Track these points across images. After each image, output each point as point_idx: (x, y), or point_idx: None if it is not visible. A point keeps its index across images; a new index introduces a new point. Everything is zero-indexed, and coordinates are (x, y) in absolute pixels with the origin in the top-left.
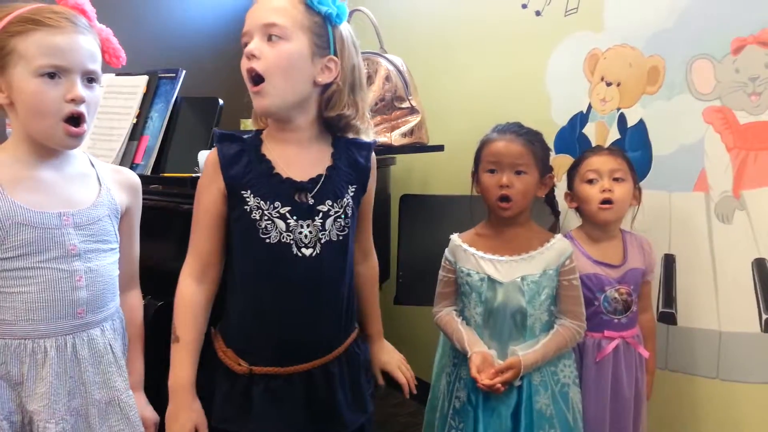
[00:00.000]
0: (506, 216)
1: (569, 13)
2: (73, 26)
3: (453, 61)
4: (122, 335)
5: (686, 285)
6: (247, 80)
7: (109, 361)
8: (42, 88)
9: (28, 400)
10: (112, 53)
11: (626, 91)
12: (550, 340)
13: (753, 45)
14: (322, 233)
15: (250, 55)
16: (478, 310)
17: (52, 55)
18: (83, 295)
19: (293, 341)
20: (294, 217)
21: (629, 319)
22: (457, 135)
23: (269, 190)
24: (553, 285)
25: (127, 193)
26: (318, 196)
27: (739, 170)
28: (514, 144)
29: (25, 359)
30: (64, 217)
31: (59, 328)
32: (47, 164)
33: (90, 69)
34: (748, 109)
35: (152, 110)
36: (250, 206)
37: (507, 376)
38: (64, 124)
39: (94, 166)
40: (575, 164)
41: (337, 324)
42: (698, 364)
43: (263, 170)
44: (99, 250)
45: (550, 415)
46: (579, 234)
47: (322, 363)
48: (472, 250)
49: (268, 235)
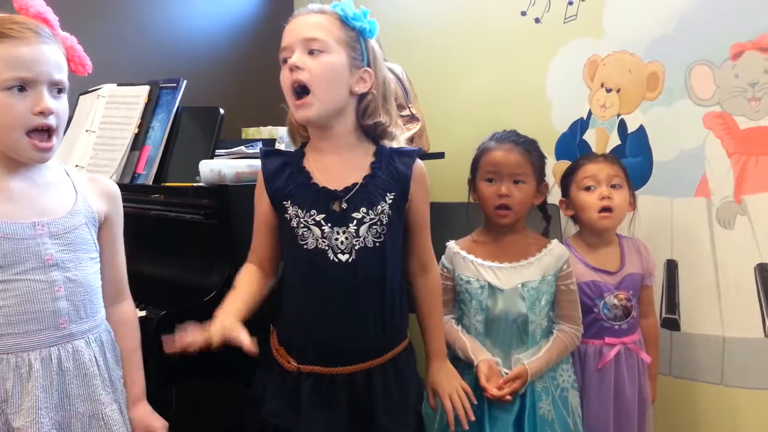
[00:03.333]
0: (504, 223)
1: (568, 20)
2: (37, 36)
3: (453, 68)
4: (111, 348)
5: (689, 291)
6: (290, 92)
7: (94, 374)
8: (8, 101)
9: (14, 416)
10: (78, 61)
11: (626, 97)
12: (552, 346)
13: (752, 50)
14: (357, 240)
15: (294, 67)
16: (479, 318)
17: (18, 67)
18: (64, 305)
19: (331, 343)
20: (329, 224)
21: (630, 324)
22: (457, 142)
23: (306, 199)
24: (552, 290)
25: (105, 201)
26: (352, 203)
27: (740, 175)
28: (513, 153)
29: (8, 375)
30: (38, 226)
31: (42, 340)
32: (18, 175)
33: (57, 79)
34: (748, 115)
35: (154, 120)
36: (290, 215)
37: (515, 386)
38: (29, 138)
39: (69, 174)
40: (570, 171)
41: (378, 330)
42: (702, 370)
43: (302, 181)
44: (78, 259)
45: (552, 420)
46: (576, 242)
47: (365, 368)
48: (471, 258)
49: (306, 241)
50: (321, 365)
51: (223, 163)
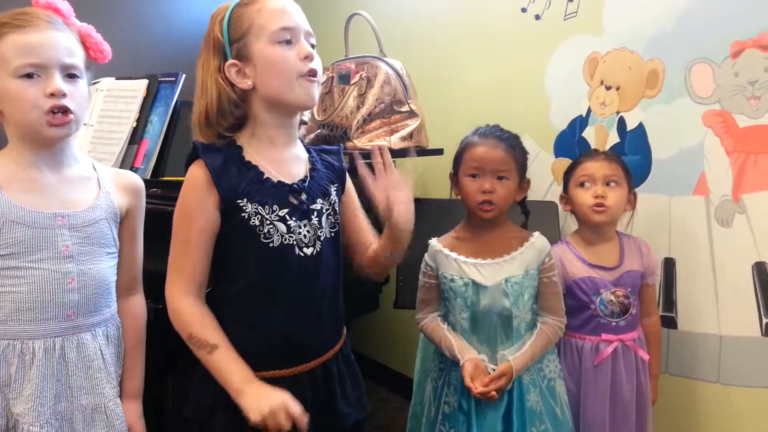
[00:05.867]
0: (487, 218)
1: (569, 17)
2: (46, 24)
3: (452, 64)
4: (117, 343)
5: (686, 289)
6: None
7: (99, 367)
8: (23, 86)
9: (15, 402)
10: (96, 48)
11: (626, 95)
12: (536, 339)
13: (752, 48)
14: (320, 231)
15: (312, 56)
16: (464, 315)
17: (27, 53)
18: (74, 297)
19: (298, 341)
20: (293, 218)
21: (627, 322)
22: (456, 139)
23: (264, 195)
24: (534, 284)
25: (128, 195)
26: (309, 195)
27: (739, 174)
28: (497, 150)
29: (13, 360)
30: (59, 217)
31: (48, 329)
32: (46, 166)
33: (68, 63)
34: (748, 113)
35: (152, 114)
36: (248, 213)
37: (501, 383)
38: (46, 116)
39: (96, 169)
40: (571, 167)
41: (334, 322)
42: (699, 369)
43: (253, 176)
44: (93, 253)
45: (540, 411)
46: (574, 238)
47: (322, 362)
48: (453, 255)
49: (271, 239)
50: (283, 368)
51: None
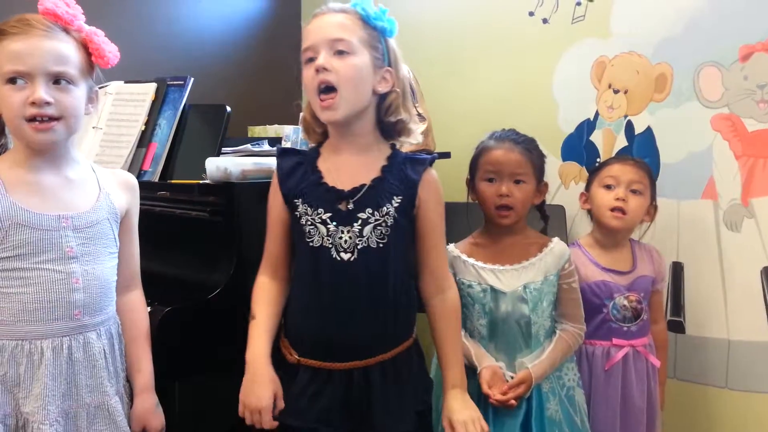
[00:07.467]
0: (505, 224)
1: (576, 21)
2: (36, 31)
3: (460, 68)
4: (118, 340)
5: (695, 293)
6: (315, 92)
7: (102, 366)
8: (8, 92)
9: (25, 401)
10: (98, 53)
11: (634, 99)
12: (556, 347)
13: (761, 52)
14: (360, 239)
15: (321, 69)
16: (483, 322)
17: (13, 60)
18: (80, 297)
19: (327, 339)
20: (334, 223)
21: (639, 327)
22: (463, 142)
23: (315, 197)
24: (554, 290)
25: (126, 194)
26: (358, 204)
27: (748, 178)
28: (513, 153)
29: (22, 360)
30: (63, 219)
31: (55, 329)
32: (48, 169)
33: (55, 71)
34: (757, 117)
35: (160, 117)
36: (299, 212)
37: (520, 391)
38: (29, 124)
39: (95, 171)
40: (598, 168)
41: (377, 330)
42: (707, 374)
43: (313, 180)
44: (96, 253)
45: (559, 419)
46: (588, 241)
47: (362, 366)
48: (471, 261)
49: (312, 239)
50: (318, 359)
51: (229, 161)
